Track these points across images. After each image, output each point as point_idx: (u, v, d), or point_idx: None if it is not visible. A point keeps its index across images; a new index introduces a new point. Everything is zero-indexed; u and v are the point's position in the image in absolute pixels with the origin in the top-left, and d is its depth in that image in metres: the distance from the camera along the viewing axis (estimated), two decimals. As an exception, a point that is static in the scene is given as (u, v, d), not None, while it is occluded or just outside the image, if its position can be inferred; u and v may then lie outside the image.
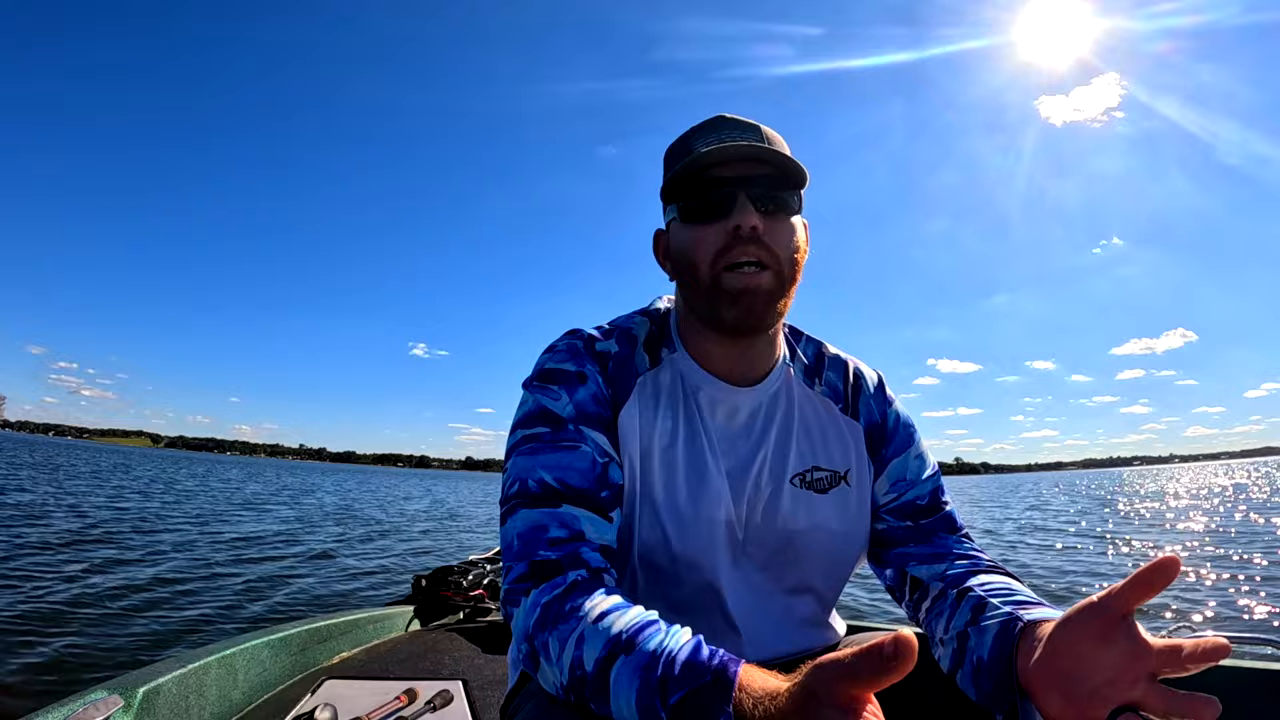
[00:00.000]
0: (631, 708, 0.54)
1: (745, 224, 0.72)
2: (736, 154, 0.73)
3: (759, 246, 0.73)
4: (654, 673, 0.54)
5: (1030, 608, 0.64)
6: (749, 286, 0.73)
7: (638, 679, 0.55)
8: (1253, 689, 1.29)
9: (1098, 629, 0.51)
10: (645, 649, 0.56)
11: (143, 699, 1.21)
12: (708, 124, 0.79)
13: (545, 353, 0.81)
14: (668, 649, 0.56)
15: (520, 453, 0.73)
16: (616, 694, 0.56)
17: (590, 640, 0.58)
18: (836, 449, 0.85)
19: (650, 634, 0.58)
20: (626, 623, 0.59)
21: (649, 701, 0.54)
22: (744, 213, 0.73)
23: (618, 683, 0.56)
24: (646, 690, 0.54)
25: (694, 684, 0.52)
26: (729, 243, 0.73)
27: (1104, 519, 15.29)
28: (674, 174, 0.76)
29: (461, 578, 2.49)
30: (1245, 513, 15.21)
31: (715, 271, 0.74)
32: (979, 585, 0.73)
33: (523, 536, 0.68)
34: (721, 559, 0.79)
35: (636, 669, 0.55)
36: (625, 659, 0.56)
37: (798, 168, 0.74)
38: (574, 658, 0.59)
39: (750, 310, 0.74)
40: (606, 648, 0.57)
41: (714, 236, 0.74)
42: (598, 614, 0.61)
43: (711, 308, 0.76)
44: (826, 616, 0.88)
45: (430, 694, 1.53)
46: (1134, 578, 0.49)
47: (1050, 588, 6.49)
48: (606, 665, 0.57)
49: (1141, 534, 11.57)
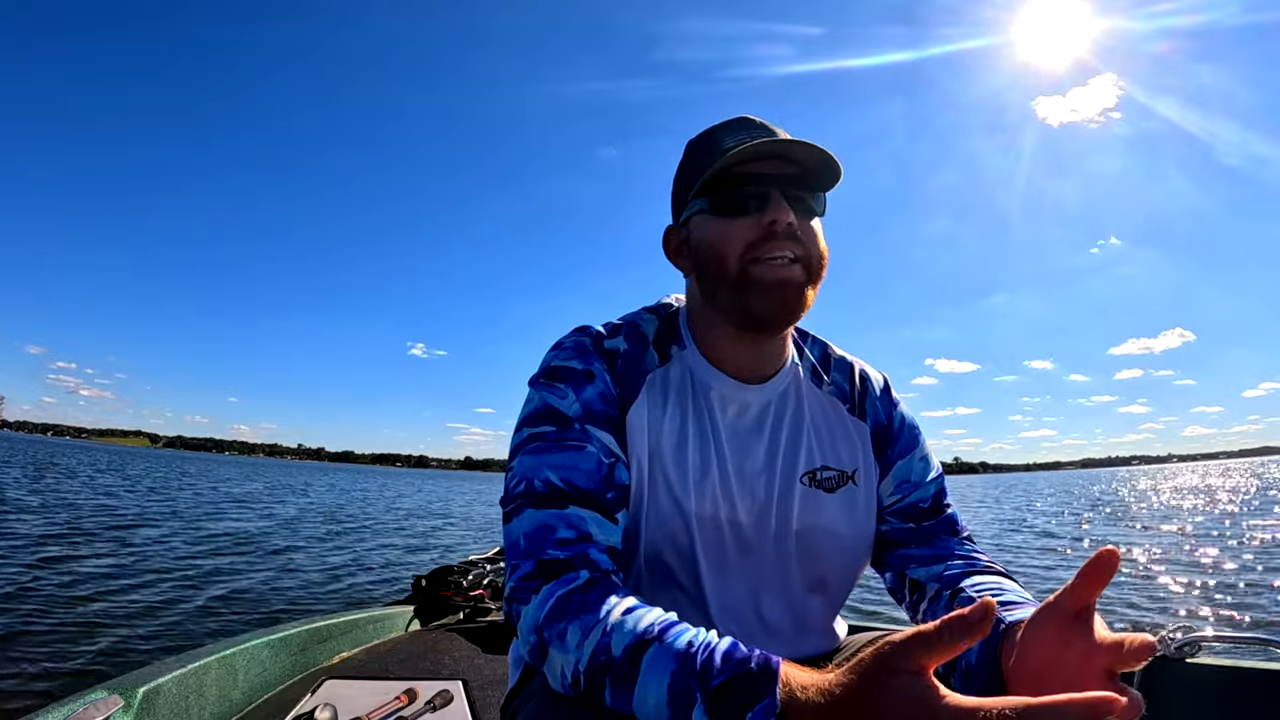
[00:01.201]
0: (662, 692, 0.54)
1: (781, 219, 0.72)
2: (776, 151, 0.73)
3: (793, 242, 0.73)
4: (692, 659, 0.54)
5: (1015, 608, 0.64)
6: (782, 279, 0.73)
7: (674, 664, 0.54)
8: (1253, 689, 1.29)
9: (1056, 629, 0.52)
10: (679, 638, 0.56)
11: (143, 699, 1.21)
12: (735, 123, 0.79)
13: (552, 350, 0.80)
14: (705, 641, 0.56)
15: (526, 451, 0.73)
16: (647, 679, 0.55)
17: (619, 629, 0.58)
18: (844, 449, 0.85)
19: (682, 629, 0.58)
20: (655, 618, 0.59)
21: (685, 685, 0.53)
22: (779, 208, 0.73)
23: (650, 668, 0.55)
24: (683, 674, 0.53)
25: (737, 670, 0.52)
26: (762, 236, 0.73)
27: (1078, 520, 15.27)
28: (705, 166, 0.76)
29: (461, 578, 2.49)
30: (1240, 513, 15.21)
31: (744, 264, 0.74)
32: (970, 586, 0.73)
33: (529, 536, 0.68)
34: (730, 558, 0.79)
35: (673, 655, 0.55)
36: (659, 646, 0.56)
37: (833, 169, 0.75)
38: (599, 644, 0.58)
39: (783, 303, 0.74)
40: (638, 636, 0.57)
41: (746, 230, 0.74)
42: (625, 608, 0.61)
43: (738, 300, 0.75)
44: (833, 617, 0.88)
45: (430, 694, 1.53)
46: (1079, 575, 0.50)
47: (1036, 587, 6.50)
48: (637, 651, 0.56)
49: (1122, 535, 11.56)
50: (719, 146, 0.76)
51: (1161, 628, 1.41)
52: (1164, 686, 1.34)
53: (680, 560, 0.77)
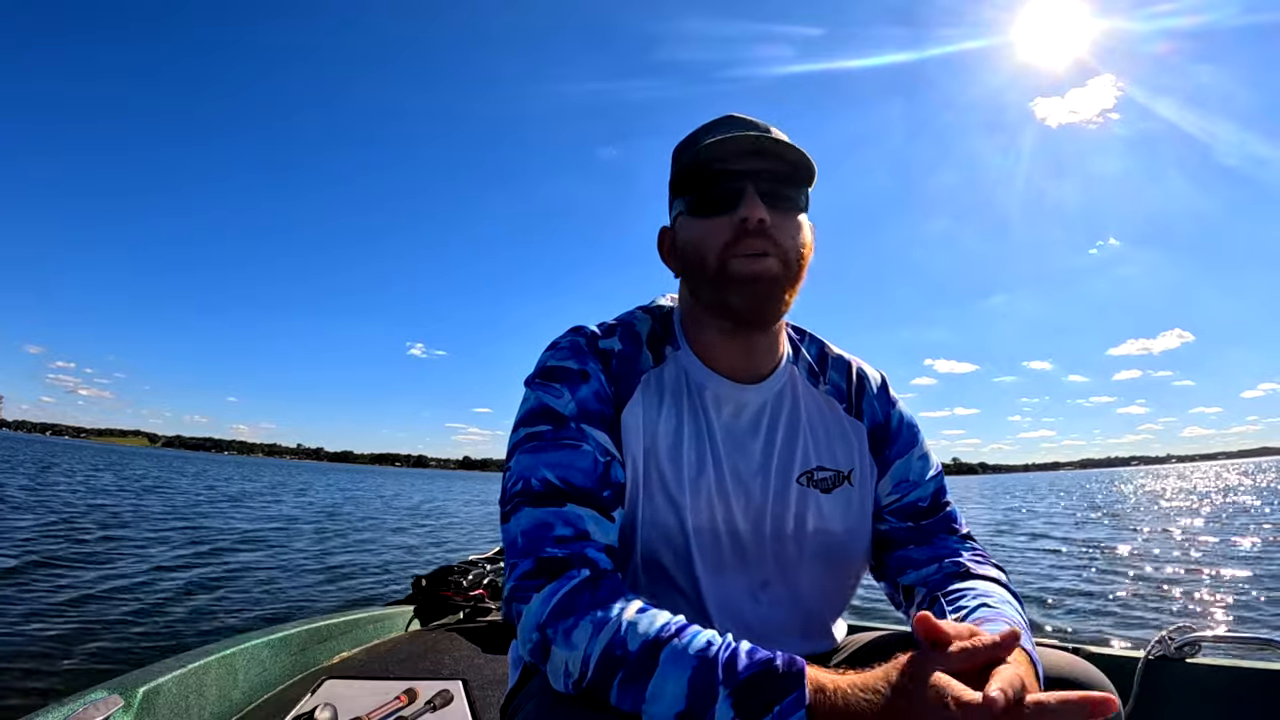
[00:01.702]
0: (681, 687, 0.54)
1: (753, 216, 0.72)
2: (745, 146, 0.73)
3: (765, 239, 0.73)
4: (714, 656, 0.55)
5: (984, 623, 0.65)
6: (756, 272, 0.73)
7: (695, 660, 0.55)
8: (1253, 689, 1.29)
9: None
10: (698, 637, 0.57)
11: (143, 699, 1.21)
12: (717, 122, 0.79)
13: (548, 350, 0.80)
14: (725, 640, 0.57)
15: (523, 451, 0.73)
16: (665, 674, 0.55)
17: (634, 626, 0.58)
18: (840, 449, 0.85)
19: (698, 630, 0.58)
20: (670, 618, 0.60)
21: (706, 681, 0.53)
22: (751, 205, 0.72)
23: (669, 663, 0.55)
24: (705, 670, 0.54)
25: (762, 667, 0.53)
26: (736, 235, 0.73)
27: (1074, 520, 15.28)
28: (682, 167, 0.77)
29: (461, 578, 2.49)
30: (1235, 514, 15.21)
31: (722, 261, 0.74)
32: (948, 594, 0.75)
33: (528, 534, 0.68)
34: (726, 559, 0.79)
35: (694, 651, 0.55)
36: (678, 642, 0.56)
37: (806, 164, 0.75)
38: (612, 640, 0.58)
39: (757, 296, 0.74)
40: (655, 633, 0.58)
41: (722, 229, 0.74)
42: (638, 607, 0.61)
43: (719, 296, 0.76)
44: (833, 618, 0.87)
45: (430, 694, 1.53)
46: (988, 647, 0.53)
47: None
48: (655, 648, 0.57)
49: (1122, 535, 11.57)
50: (697, 146, 0.76)
51: (1161, 628, 1.42)
52: (1164, 686, 1.34)
53: (676, 560, 0.77)
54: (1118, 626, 4.86)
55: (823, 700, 0.51)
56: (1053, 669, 0.64)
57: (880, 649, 0.83)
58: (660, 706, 0.55)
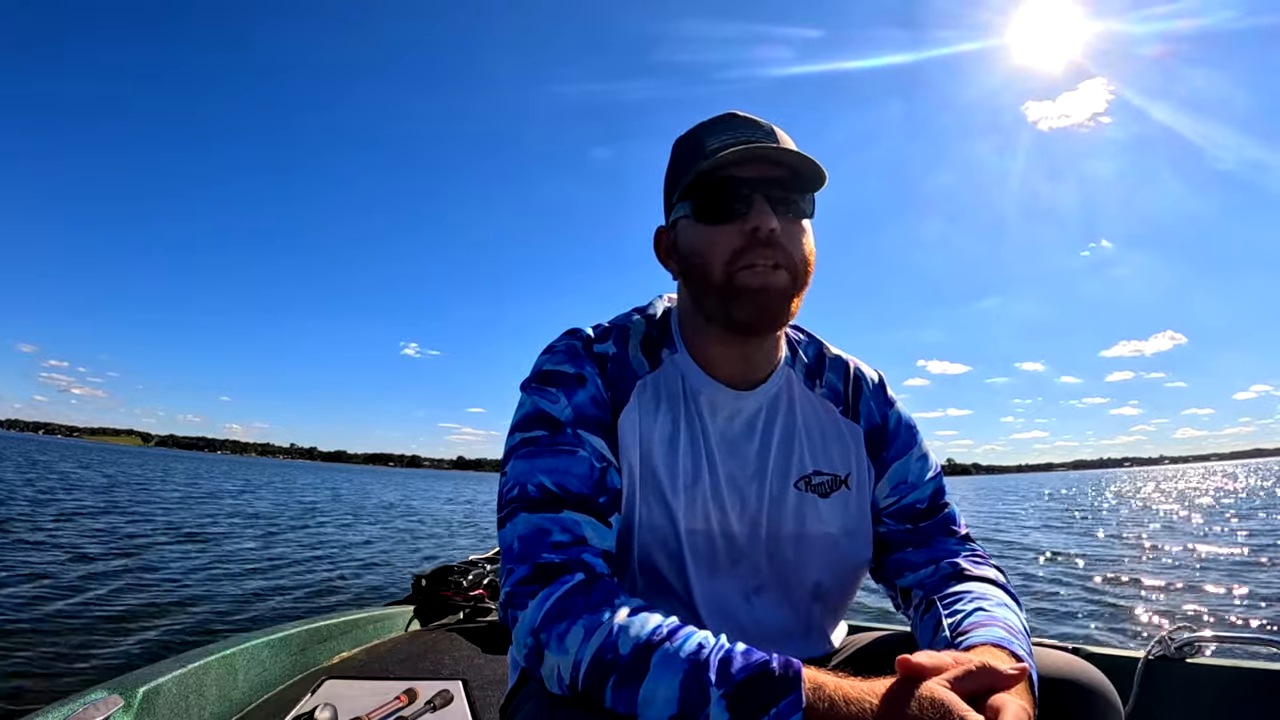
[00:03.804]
0: (674, 689, 0.54)
1: (764, 227, 0.71)
2: (759, 155, 0.71)
3: (776, 249, 0.72)
4: (707, 658, 0.54)
5: (977, 629, 0.65)
6: (765, 285, 0.72)
7: (687, 663, 0.54)
8: (1253, 689, 1.29)
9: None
10: (690, 639, 0.57)
11: (143, 699, 1.21)
12: (720, 121, 0.77)
13: (543, 354, 0.80)
14: (719, 643, 0.56)
15: (519, 456, 0.72)
16: (657, 676, 0.55)
17: (625, 629, 0.58)
18: (837, 452, 0.84)
19: (691, 631, 0.58)
20: (663, 620, 0.59)
21: (699, 683, 0.53)
22: (762, 215, 0.71)
23: (660, 666, 0.55)
24: (697, 672, 0.53)
25: (758, 669, 0.53)
26: (745, 244, 0.72)
27: (1072, 521, 15.27)
28: (687, 170, 0.75)
29: (461, 578, 2.49)
30: (1232, 515, 15.21)
31: (729, 272, 0.73)
32: (944, 598, 0.75)
33: (524, 540, 0.68)
34: (722, 564, 0.78)
35: (686, 654, 0.55)
36: (669, 645, 0.56)
37: (817, 172, 0.73)
38: (604, 643, 0.58)
39: (765, 309, 0.73)
40: (646, 636, 0.57)
41: (730, 237, 0.72)
42: (630, 609, 0.61)
43: (724, 307, 0.74)
44: (832, 621, 0.87)
45: (430, 694, 1.53)
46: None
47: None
48: (646, 650, 0.56)
49: (1121, 535, 11.57)
50: (703, 148, 0.75)
51: (1161, 628, 1.41)
52: (1164, 686, 1.34)
53: (672, 566, 0.77)
54: (1117, 626, 4.87)
55: (820, 703, 0.50)
56: (1053, 669, 0.64)
57: (881, 650, 0.84)
58: (653, 710, 0.54)
